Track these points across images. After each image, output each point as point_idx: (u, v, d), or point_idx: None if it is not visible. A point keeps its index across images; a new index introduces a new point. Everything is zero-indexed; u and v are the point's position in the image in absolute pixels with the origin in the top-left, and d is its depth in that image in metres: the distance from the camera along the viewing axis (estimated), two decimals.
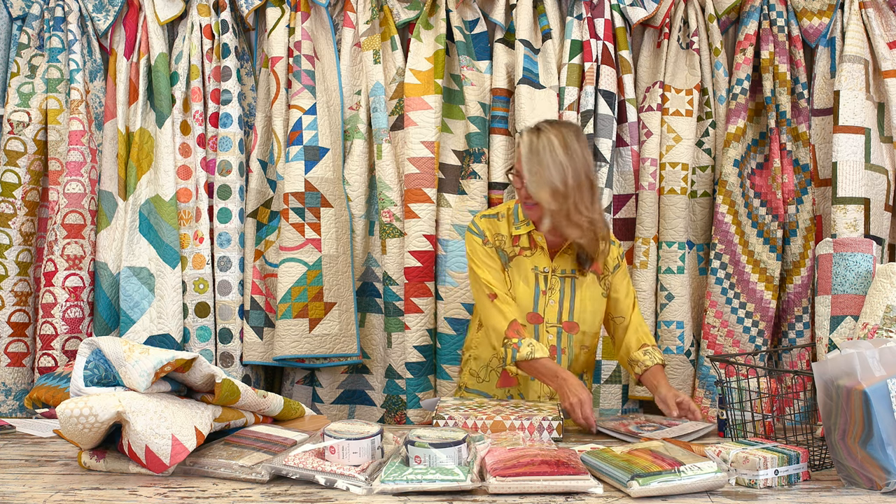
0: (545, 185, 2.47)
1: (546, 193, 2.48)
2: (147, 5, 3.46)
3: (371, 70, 3.44)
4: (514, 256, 2.65)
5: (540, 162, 2.49)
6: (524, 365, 2.52)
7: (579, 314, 2.66)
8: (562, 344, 2.65)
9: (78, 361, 2.05)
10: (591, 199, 2.53)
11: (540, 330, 2.64)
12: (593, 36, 3.40)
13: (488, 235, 2.65)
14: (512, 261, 2.65)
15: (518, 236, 2.65)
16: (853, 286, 2.60)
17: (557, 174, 2.47)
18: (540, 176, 2.48)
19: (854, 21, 3.34)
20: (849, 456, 1.88)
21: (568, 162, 2.48)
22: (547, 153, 2.49)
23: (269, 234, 3.47)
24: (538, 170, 2.48)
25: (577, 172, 2.49)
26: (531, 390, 2.68)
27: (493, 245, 2.65)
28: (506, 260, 2.65)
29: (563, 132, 2.53)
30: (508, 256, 2.65)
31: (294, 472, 1.90)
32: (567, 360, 2.66)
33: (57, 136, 3.40)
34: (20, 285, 3.40)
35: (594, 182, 2.55)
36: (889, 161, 3.37)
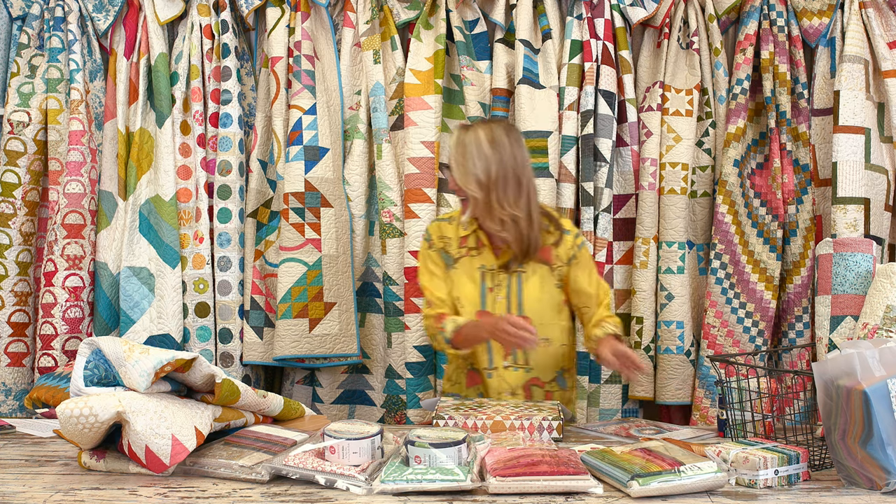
0: (469, 175, 2.53)
1: (470, 184, 2.53)
2: (147, 5, 3.46)
3: (371, 70, 3.44)
4: (461, 258, 2.68)
5: (465, 153, 2.54)
6: (457, 340, 2.57)
7: (528, 308, 2.65)
8: None
9: (78, 361, 2.05)
10: (516, 195, 2.54)
11: None
12: (593, 36, 3.40)
13: (434, 238, 2.71)
14: (458, 262, 2.68)
15: (465, 237, 2.69)
16: (853, 286, 2.60)
17: (481, 165, 2.52)
18: (464, 167, 2.54)
19: (854, 21, 3.34)
20: (849, 456, 1.88)
21: (492, 154, 2.53)
22: (473, 146, 2.54)
23: (269, 234, 3.47)
24: (463, 161, 2.54)
25: (502, 166, 2.53)
26: (490, 388, 2.68)
27: (437, 248, 2.70)
28: (450, 262, 2.69)
29: (493, 127, 2.58)
30: (454, 258, 2.68)
31: (294, 472, 1.90)
32: (523, 353, 2.65)
33: (57, 136, 3.40)
34: (20, 285, 3.40)
35: (522, 179, 2.56)
36: (889, 161, 3.37)
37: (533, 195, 2.59)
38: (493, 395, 2.67)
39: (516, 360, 2.65)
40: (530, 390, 2.67)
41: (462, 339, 2.57)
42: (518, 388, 2.66)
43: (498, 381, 2.65)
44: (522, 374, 2.65)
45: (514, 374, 2.65)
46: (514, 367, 2.65)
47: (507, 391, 2.65)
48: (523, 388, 2.66)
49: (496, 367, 2.65)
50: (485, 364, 2.67)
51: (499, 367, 2.65)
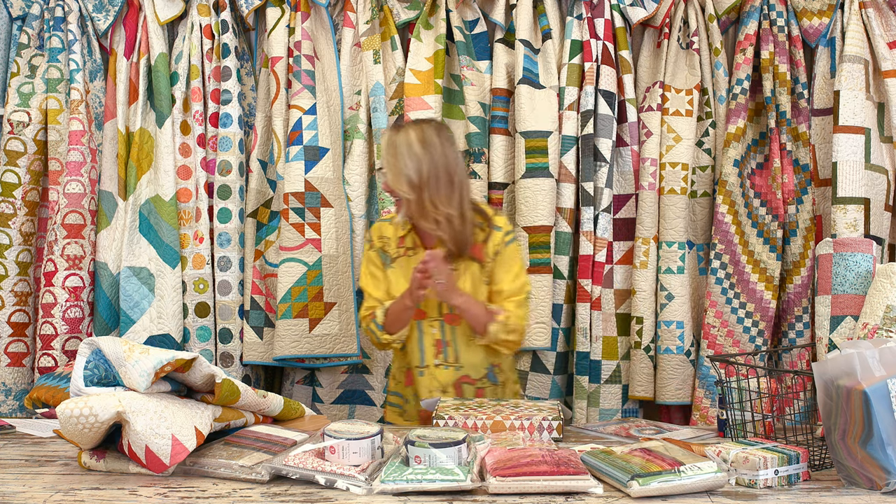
0: (401, 176, 2.56)
1: (402, 185, 2.56)
2: (147, 5, 3.46)
3: (371, 70, 3.44)
4: (398, 258, 2.72)
5: (396, 154, 2.57)
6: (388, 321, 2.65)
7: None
8: (446, 336, 2.69)
9: (78, 361, 2.05)
10: (449, 194, 2.58)
11: (423, 325, 2.69)
12: (593, 36, 3.40)
13: (374, 239, 2.77)
14: (395, 262, 2.72)
15: (403, 237, 2.72)
16: (853, 286, 2.60)
17: (413, 165, 2.55)
18: (396, 168, 2.56)
19: (854, 21, 3.34)
20: (849, 456, 1.88)
21: (423, 155, 2.56)
22: (404, 146, 2.57)
23: (269, 234, 3.47)
24: (394, 162, 2.57)
25: (433, 165, 2.56)
26: (422, 386, 2.71)
27: (377, 248, 2.75)
28: (388, 261, 2.73)
29: (424, 128, 2.62)
30: (392, 258, 2.73)
31: (294, 472, 1.90)
32: (454, 351, 2.68)
33: (57, 136, 3.40)
34: (20, 285, 3.40)
35: (454, 178, 2.59)
36: (889, 161, 3.37)
37: (465, 193, 2.63)
38: (423, 392, 2.70)
39: (446, 359, 2.68)
40: (461, 388, 2.70)
41: (392, 317, 2.64)
42: (448, 386, 2.69)
43: (429, 379, 2.69)
44: (452, 372, 2.69)
45: (444, 371, 2.69)
46: (445, 366, 2.69)
47: (437, 389, 2.69)
48: (454, 385, 2.69)
49: (427, 364, 2.70)
50: (416, 362, 2.71)
51: (430, 366, 2.69)
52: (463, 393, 2.70)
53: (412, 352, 2.72)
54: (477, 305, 2.62)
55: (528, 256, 3.33)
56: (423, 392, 2.70)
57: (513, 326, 2.63)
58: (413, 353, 2.72)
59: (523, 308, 2.67)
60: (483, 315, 2.61)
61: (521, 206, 3.34)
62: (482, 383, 2.71)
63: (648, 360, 3.38)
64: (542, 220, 3.32)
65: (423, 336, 2.70)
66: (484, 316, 2.61)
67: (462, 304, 2.59)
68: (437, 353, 2.68)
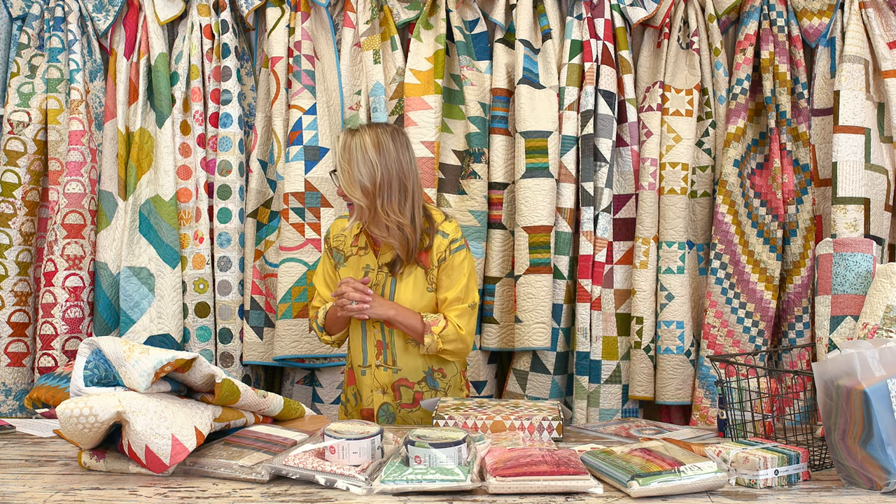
0: (354, 182, 2.53)
1: (356, 191, 2.53)
2: (147, 5, 3.46)
3: (371, 70, 3.44)
4: (351, 256, 2.72)
5: (350, 160, 2.53)
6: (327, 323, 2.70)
7: None
8: (386, 339, 2.68)
9: (78, 361, 2.04)
10: (401, 202, 2.56)
11: (367, 326, 2.69)
12: (593, 36, 3.40)
13: (331, 237, 2.77)
14: (348, 260, 2.72)
15: (357, 235, 2.72)
16: (853, 286, 2.60)
17: (366, 172, 2.52)
18: (349, 174, 2.53)
19: (854, 21, 3.34)
20: (849, 456, 1.88)
21: (378, 161, 2.53)
22: (358, 151, 2.53)
23: (269, 234, 3.47)
24: (348, 168, 2.53)
25: (387, 172, 2.53)
26: (364, 385, 2.71)
27: (332, 246, 2.75)
28: (341, 260, 2.73)
29: (379, 132, 2.57)
30: (345, 256, 2.73)
31: (294, 472, 1.90)
32: (391, 354, 2.68)
33: (57, 136, 3.40)
34: (20, 285, 3.40)
35: (407, 185, 2.57)
36: (889, 161, 3.37)
37: (418, 199, 2.61)
38: (365, 392, 2.71)
39: (385, 361, 2.68)
40: (399, 390, 2.69)
41: (329, 321, 2.70)
42: (388, 387, 2.69)
43: (370, 379, 2.70)
44: (391, 374, 2.68)
45: (383, 373, 2.69)
46: (384, 367, 2.68)
47: (378, 389, 2.69)
48: (392, 387, 2.69)
49: (370, 364, 2.70)
50: (359, 361, 2.72)
51: (371, 366, 2.70)
52: (400, 396, 2.68)
53: (355, 351, 2.73)
54: (411, 317, 2.60)
55: (529, 256, 3.33)
56: (366, 391, 2.71)
57: (450, 336, 2.60)
58: (356, 352, 2.73)
59: (465, 317, 2.63)
60: (418, 325, 2.60)
61: (521, 206, 3.34)
62: (420, 387, 2.69)
63: (648, 360, 3.38)
64: (542, 220, 3.32)
65: (367, 336, 2.69)
66: (419, 326, 2.60)
67: (393, 316, 2.59)
68: (378, 354, 2.68)
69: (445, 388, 2.73)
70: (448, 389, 2.73)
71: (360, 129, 2.60)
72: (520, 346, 3.34)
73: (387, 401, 2.68)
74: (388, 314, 2.59)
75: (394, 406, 2.68)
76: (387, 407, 2.68)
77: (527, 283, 3.31)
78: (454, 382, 2.76)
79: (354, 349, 2.73)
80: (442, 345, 2.60)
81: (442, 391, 2.72)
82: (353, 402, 2.76)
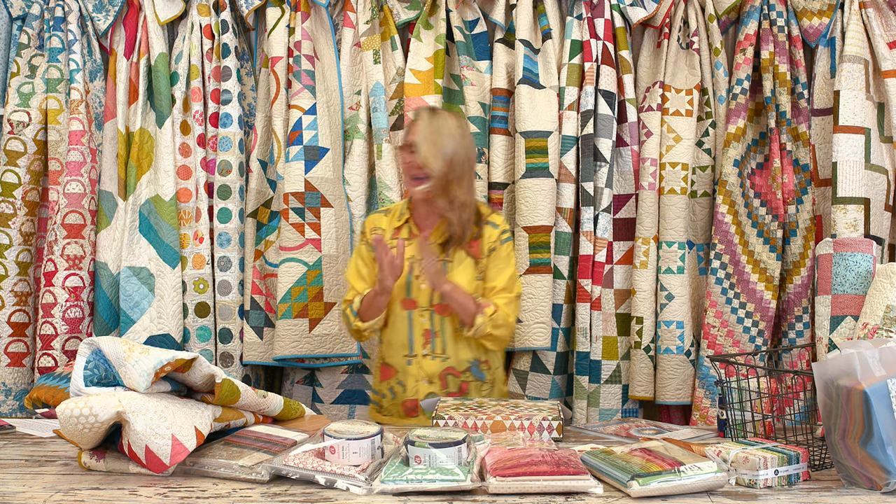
0: (438, 154, 2.65)
1: (438, 161, 2.64)
2: (147, 5, 3.46)
3: (371, 70, 3.44)
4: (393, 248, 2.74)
5: (437, 133, 2.68)
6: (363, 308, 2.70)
7: None
8: (435, 327, 2.71)
9: (78, 361, 2.05)
10: (469, 183, 2.73)
11: (414, 315, 2.72)
12: (593, 36, 3.40)
13: (367, 231, 2.83)
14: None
15: (398, 228, 2.79)
16: (853, 286, 2.60)
17: (451, 145, 2.67)
18: (436, 145, 2.66)
19: (854, 21, 3.34)
20: (849, 456, 1.88)
21: (460, 140, 2.70)
22: (445, 128, 2.69)
23: (269, 234, 3.47)
24: (436, 139, 2.67)
25: (466, 152, 2.71)
26: (409, 375, 2.73)
27: (368, 241, 2.80)
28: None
29: (458, 119, 2.78)
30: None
31: (294, 472, 1.90)
32: (441, 342, 2.71)
33: (57, 136, 3.40)
34: (20, 285, 3.40)
35: (473, 169, 2.76)
36: (889, 161, 3.37)
37: (474, 187, 2.80)
38: (410, 382, 2.72)
39: (434, 350, 2.71)
40: (446, 379, 2.72)
41: (366, 304, 2.71)
42: (434, 377, 2.72)
43: (416, 369, 2.72)
44: (439, 363, 2.72)
45: (431, 362, 2.72)
46: (432, 356, 2.72)
47: (424, 379, 2.72)
48: (439, 376, 2.72)
49: (416, 354, 2.72)
50: (405, 351, 2.73)
51: (418, 355, 2.72)
52: (447, 385, 2.72)
53: (398, 342, 2.74)
54: (465, 296, 2.67)
55: (528, 256, 3.33)
56: (411, 382, 2.73)
57: (500, 321, 2.68)
58: (400, 343, 2.74)
59: (512, 305, 2.73)
60: (471, 305, 2.66)
61: (521, 206, 3.34)
62: (466, 377, 2.73)
63: (648, 360, 3.38)
64: (542, 220, 3.32)
65: (413, 325, 2.73)
66: (471, 306, 2.66)
67: (450, 291, 2.64)
68: (426, 343, 2.72)
69: (491, 381, 2.78)
70: (494, 383, 2.79)
71: (441, 111, 2.79)
72: (520, 346, 3.34)
73: (433, 390, 2.71)
74: (446, 287, 2.64)
75: (442, 396, 2.70)
76: (432, 397, 2.69)
77: (527, 283, 3.32)
78: (498, 375, 2.81)
79: (397, 340, 2.75)
80: (490, 328, 2.66)
81: (488, 383, 2.77)
82: (391, 397, 2.76)
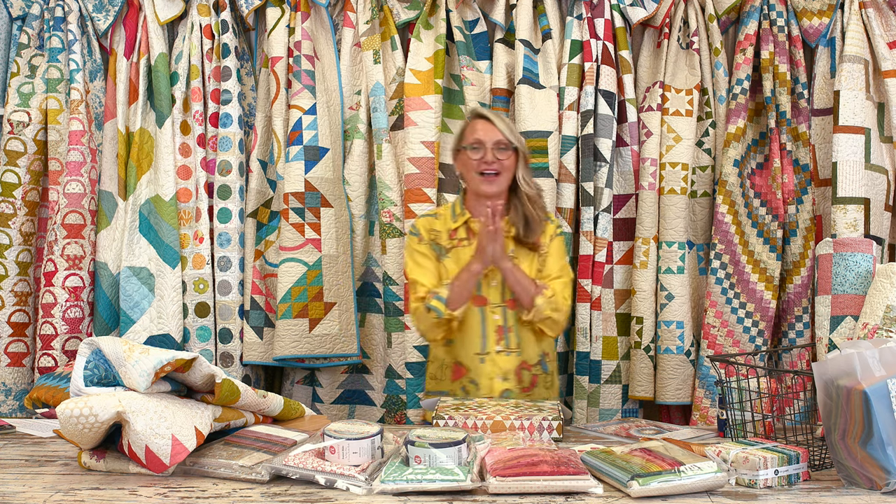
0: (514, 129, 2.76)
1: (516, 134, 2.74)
2: (147, 5, 3.46)
3: (371, 70, 3.44)
4: (452, 248, 2.77)
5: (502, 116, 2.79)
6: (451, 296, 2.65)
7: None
8: (508, 322, 2.72)
9: (78, 361, 2.04)
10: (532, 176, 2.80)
11: (486, 312, 2.72)
12: (593, 36, 3.40)
13: (423, 233, 2.80)
14: (449, 253, 2.77)
15: (455, 229, 2.78)
16: (853, 286, 2.60)
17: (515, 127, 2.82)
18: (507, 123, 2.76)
19: (854, 21, 3.34)
20: (849, 456, 1.88)
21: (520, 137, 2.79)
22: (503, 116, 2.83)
23: (269, 234, 3.47)
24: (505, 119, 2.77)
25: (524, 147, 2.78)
26: (482, 374, 2.72)
27: (428, 241, 2.78)
28: (441, 253, 2.77)
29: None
30: (445, 249, 2.77)
31: (294, 472, 1.90)
32: (515, 337, 2.72)
33: (57, 136, 3.40)
34: (20, 285, 3.40)
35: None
36: (889, 161, 3.37)
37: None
38: (484, 380, 2.70)
39: (508, 345, 2.71)
40: (521, 374, 2.72)
41: (456, 291, 2.66)
42: (510, 373, 2.71)
43: (490, 366, 2.71)
44: (514, 358, 2.72)
45: (506, 358, 2.71)
46: (507, 352, 2.71)
47: (499, 376, 2.70)
48: (515, 372, 2.71)
49: (489, 351, 2.71)
50: (477, 349, 2.72)
51: (491, 352, 2.71)
52: (522, 380, 2.72)
53: (470, 340, 2.72)
54: (525, 276, 2.69)
55: None
56: (485, 380, 2.71)
57: (557, 304, 2.69)
58: (472, 341, 2.72)
59: (567, 289, 2.76)
60: (530, 286, 2.67)
61: None
62: (536, 370, 2.76)
63: (648, 360, 3.38)
64: None
65: (486, 322, 2.72)
66: (531, 287, 2.67)
67: (511, 268, 2.66)
68: (499, 340, 2.72)
69: (552, 372, 2.81)
70: (553, 374, 2.82)
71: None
72: None
73: (508, 386, 2.70)
74: (507, 264, 2.66)
75: (516, 391, 2.71)
76: (508, 393, 2.69)
77: None
78: (554, 368, 2.83)
79: (470, 338, 2.73)
80: (549, 311, 2.67)
81: (550, 375, 2.80)
82: (463, 395, 2.74)
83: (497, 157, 2.69)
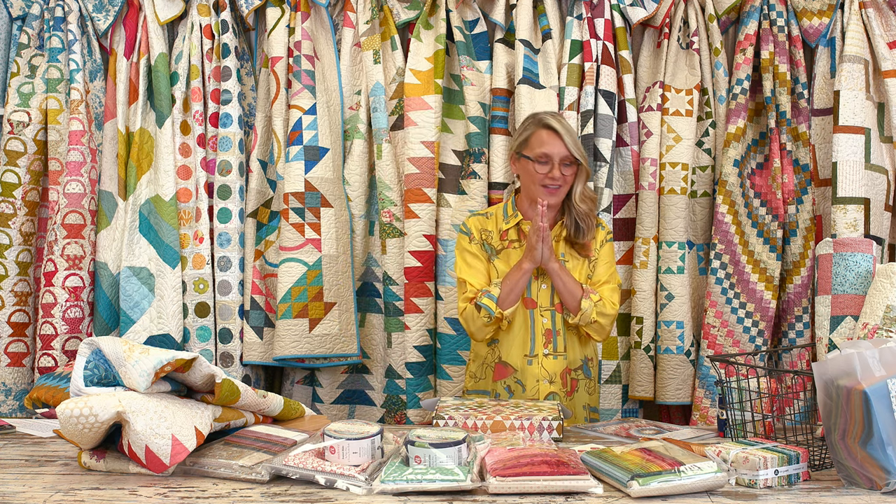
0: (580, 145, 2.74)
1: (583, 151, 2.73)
2: (147, 5, 3.46)
3: (371, 70, 3.44)
4: (503, 250, 2.77)
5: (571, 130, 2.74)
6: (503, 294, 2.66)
7: None
8: (556, 326, 2.73)
9: (78, 361, 2.04)
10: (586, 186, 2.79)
11: (535, 314, 2.72)
12: (593, 36, 3.40)
13: (474, 232, 2.80)
14: (500, 254, 2.77)
15: (507, 230, 2.78)
16: (853, 286, 2.60)
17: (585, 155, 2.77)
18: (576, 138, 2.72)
19: (854, 21, 3.34)
20: (849, 456, 1.88)
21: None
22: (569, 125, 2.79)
23: (269, 234, 3.47)
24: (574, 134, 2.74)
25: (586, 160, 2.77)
26: (529, 376, 2.71)
27: (479, 241, 2.78)
28: (493, 253, 2.78)
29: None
30: (496, 250, 2.78)
31: (294, 472, 1.90)
32: (563, 341, 2.73)
33: (57, 136, 3.40)
34: (20, 285, 3.40)
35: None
36: (889, 161, 3.37)
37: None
38: (531, 382, 2.71)
39: (555, 349, 2.72)
40: (566, 378, 2.73)
41: (506, 289, 2.66)
42: (556, 376, 2.72)
43: (538, 369, 2.72)
44: (561, 361, 2.73)
45: (553, 361, 2.72)
46: (554, 355, 2.72)
47: (545, 379, 2.72)
48: (561, 375, 2.73)
49: (536, 354, 2.72)
50: (525, 351, 2.73)
51: (539, 355, 2.72)
52: (567, 383, 2.73)
53: (518, 342, 2.73)
54: (572, 278, 2.70)
55: None
56: (531, 382, 2.72)
57: (605, 309, 2.70)
58: (521, 342, 2.73)
59: (616, 295, 2.77)
60: (576, 288, 2.68)
61: None
62: (577, 374, 2.77)
63: (648, 360, 3.38)
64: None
65: (535, 324, 2.73)
66: (578, 290, 2.68)
67: (558, 269, 2.67)
68: (547, 343, 2.73)
69: (595, 377, 2.83)
70: (594, 380, 2.83)
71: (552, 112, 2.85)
72: None
73: (554, 390, 2.71)
74: (554, 265, 2.66)
75: (561, 395, 2.71)
76: (553, 396, 2.70)
77: None
78: (596, 373, 2.85)
79: (517, 340, 2.74)
80: (596, 315, 2.68)
81: (592, 381, 2.81)
82: (507, 396, 2.75)
83: (563, 172, 2.68)
